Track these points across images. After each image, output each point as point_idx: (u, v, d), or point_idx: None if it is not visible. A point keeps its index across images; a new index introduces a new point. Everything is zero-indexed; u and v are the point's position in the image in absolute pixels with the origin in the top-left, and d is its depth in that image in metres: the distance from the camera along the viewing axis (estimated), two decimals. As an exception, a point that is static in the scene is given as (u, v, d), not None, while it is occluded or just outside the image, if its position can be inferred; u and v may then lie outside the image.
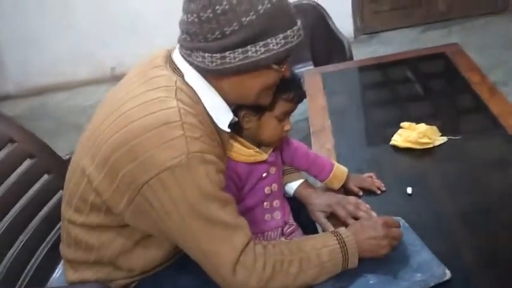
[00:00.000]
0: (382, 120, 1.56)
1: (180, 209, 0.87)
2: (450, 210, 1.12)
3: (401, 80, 1.75)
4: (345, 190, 1.22)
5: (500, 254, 0.98)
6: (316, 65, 2.46)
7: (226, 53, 0.88)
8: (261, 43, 0.88)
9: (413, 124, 1.36)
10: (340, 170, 1.22)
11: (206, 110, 0.95)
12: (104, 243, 1.00)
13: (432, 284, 0.92)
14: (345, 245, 0.95)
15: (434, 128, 1.35)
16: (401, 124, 1.38)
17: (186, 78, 0.95)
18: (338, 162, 1.32)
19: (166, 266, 1.05)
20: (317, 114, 1.59)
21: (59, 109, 3.63)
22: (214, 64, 0.90)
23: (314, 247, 0.95)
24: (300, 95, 1.09)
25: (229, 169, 1.05)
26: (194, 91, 0.94)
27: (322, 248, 0.94)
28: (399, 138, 1.35)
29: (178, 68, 0.96)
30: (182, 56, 0.95)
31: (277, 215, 1.17)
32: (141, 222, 0.94)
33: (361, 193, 1.19)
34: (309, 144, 1.48)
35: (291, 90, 1.06)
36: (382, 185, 1.20)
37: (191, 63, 0.94)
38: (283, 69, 0.94)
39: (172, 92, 0.91)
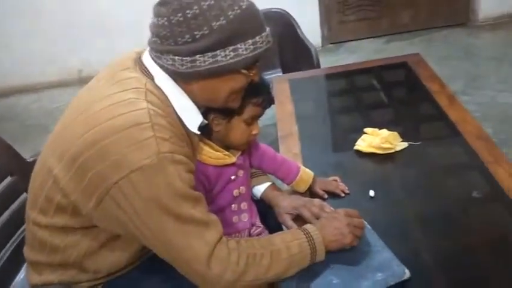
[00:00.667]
0: (346, 126, 1.61)
1: (151, 208, 0.88)
2: (410, 212, 1.17)
3: (365, 88, 1.81)
4: (311, 193, 1.25)
5: (457, 255, 1.03)
6: (284, 71, 2.51)
7: (197, 57, 0.89)
8: (231, 48, 0.90)
9: (376, 130, 1.41)
10: (307, 174, 1.25)
11: (176, 112, 0.96)
12: (69, 245, 0.99)
13: (392, 283, 0.95)
14: (312, 238, 0.99)
15: (396, 133, 1.40)
16: (365, 130, 1.43)
17: (156, 80, 0.96)
18: (304, 166, 1.36)
19: (133, 268, 1.05)
20: (285, 120, 1.63)
21: (25, 111, 3.55)
22: (184, 67, 0.91)
23: (284, 241, 0.99)
24: (268, 100, 1.12)
25: (199, 171, 1.07)
26: (164, 93, 0.95)
27: (292, 241, 0.98)
28: (363, 144, 1.39)
29: (148, 70, 0.97)
30: (152, 58, 0.96)
31: (245, 217, 1.19)
32: (110, 222, 0.94)
33: (326, 196, 1.23)
34: (277, 149, 1.51)
35: (260, 95, 1.08)
36: (346, 188, 1.24)
37: (161, 66, 0.95)
38: (251, 74, 0.96)
39: (142, 94, 0.92)
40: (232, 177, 1.15)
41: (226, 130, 1.09)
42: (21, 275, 1.22)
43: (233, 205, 1.17)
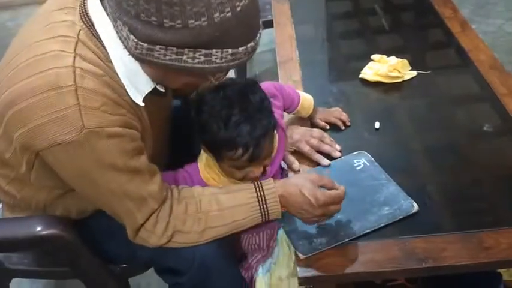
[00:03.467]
0: (351, 52, 1.50)
1: (80, 180, 0.81)
2: (417, 145, 1.11)
3: (373, 11, 1.67)
4: (311, 124, 1.17)
5: (465, 189, 0.98)
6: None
7: (156, 47, 0.70)
8: (203, 51, 0.71)
9: (384, 57, 1.31)
10: (307, 100, 1.17)
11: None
12: (26, 197, 0.93)
13: (400, 217, 0.91)
14: (265, 203, 0.89)
15: (405, 61, 1.30)
16: (372, 57, 1.33)
17: (98, 29, 0.77)
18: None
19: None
20: (284, 44, 1.51)
21: (2, 29, 3.35)
22: (138, 51, 0.72)
23: (228, 204, 0.89)
24: (255, 154, 0.89)
25: (192, 180, 0.98)
26: (103, 46, 0.78)
27: (237, 207, 0.89)
28: (369, 72, 1.30)
29: (87, 13, 0.78)
30: (104, 6, 0.77)
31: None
32: (51, 182, 0.87)
33: (327, 127, 1.15)
34: (274, 76, 1.42)
35: (237, 146, 0.87)
36: (348, 119, 1.16)
37: (112, 19, 0.75)
38: (214, 79, 0.79)
39: (71, 45, 0.76)
40: None
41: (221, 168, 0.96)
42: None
43: None
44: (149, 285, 1.48)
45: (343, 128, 1.15)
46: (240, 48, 0.73)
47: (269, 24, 1.70)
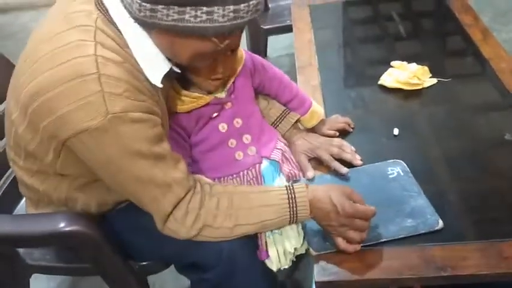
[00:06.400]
0: (370, 58, 1.50)
1: (108, 167, 0.81)
2: (436, 153, 1.10)
3: (391, 17, 1.67)
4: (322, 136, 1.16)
5: (484, 198, 0.98)
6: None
7: (159, 7, 0.72)
8: (204, 9, 0.72)
9: (405, 63, 1.31)
10: (318, 108, 1.17)
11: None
12: (48, 189, 0.94)
13: (422, 232, 0.90)
14: (296, 207, 0.89)
15: (426, 68, 1.30)
16: (392, 63, 1.33)
17: (112, 14, 0.79)
18: (323, 100, 1.28)
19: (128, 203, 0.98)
20: (303, 49, 1.52)
21: (24, 30, 3.41)
22: (142, 14, 0.75)
23: (259, 204, 0.89)
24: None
25: (175, 123, 0.98)
26: (120, 32, 0.80)
27: (267, 207, 0.89)
28: (388, 78, 1.30)
29: (102, 1, 0.81)
30: None
31: (251, 150, 1.05)
32: (76, 171, 0.89)
33: (337, 134, 1.15)
34: (291, 80, 1.42)
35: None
36: (350, 121, 1.17)
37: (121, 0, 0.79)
38: (222, 45, 0.79)
39: (91, 34, 0.77)
40: (214, 115, 1.02)
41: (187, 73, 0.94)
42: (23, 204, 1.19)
43: (231, 140, 1.04)
44: (164, 283, 1.50)
45: (352, 130, 1.16)
46: (242, 5, 0.73)
47: (288, 29, 1.71)
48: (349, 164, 1.06)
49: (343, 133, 1.16)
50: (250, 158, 1.05)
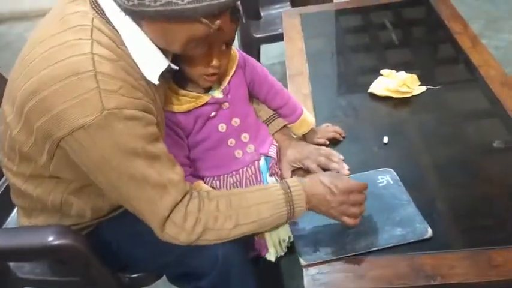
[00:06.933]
0: (361, 66, 1.51)
1: (102, 166, 0.80)
2: (426, 161, 1.10)
3: (382, 26, 1.68)
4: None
5: (474, 205, 0.98)
6: (293, 5, 2.35)
7: None
8: None
9: (394, 72, 1.32)
10: (309, 116, 1.18)
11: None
12: (41, 194, 0.93)
13: (411, 240, 0.90)
14: (292, 202, 0.89)
15: (415, 76, 1.31)
16: (382, 71, 1.34)
17: (108, 14, 0.81)
18: (314, 108, 1.28)
19: (124, 211, 0.98)
20: (294, 58, 1.52)
21: (18, 40, 3.41)
22: (130, 3, 0.76)
23: (256, 201, 0.89)
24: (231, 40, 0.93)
25: (168, 121, 0.98)
26: (116, 30, 0.81)
27: (264, 204, 0.89)
28: (378, 86, 1.30)
29: (97, 1, 0.82)
30: None
31: (250, 148, 1.09)
32: (69, 174, 0.88)
33: (327, 142, 1.15)
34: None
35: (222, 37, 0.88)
36: (342, 130, 1.17)
37: None
38: (214, 26, 0.79)
39: (87, 33, 0.78)
40: (212, 114, 1.03)
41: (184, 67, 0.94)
42: (14, 215, 1.19)
43: (230, 140, 1.07)
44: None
45: (342, 139, 1.16)
46: None
47: (280, 37, 1.71)
48: (338, 173, 1.06)
49: (333, 141, 1.16)
50: (249, 155, 1.09)
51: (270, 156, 1.11)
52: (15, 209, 1.10)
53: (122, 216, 0.98)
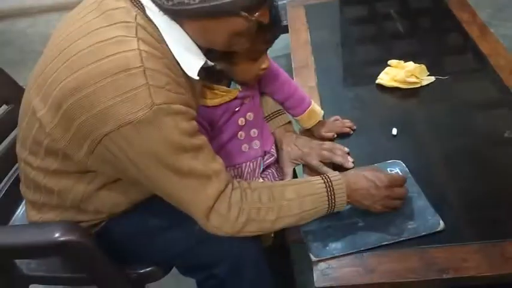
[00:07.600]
0: (367, 57, 1.49)
1: (148, 161, 0.80)
2: (435, 152, 1.09)
3: (389, 16, 1.65)
4: (318, 138, 1.15)
5: (484, 197, 0.96)
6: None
7: None
8: None
9: (402, 62, 1.30)
10: (317, 108, 1.16)
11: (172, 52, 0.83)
12: (64, 189, 0.92)
13: (423, 233, 0.88)
14: (333, 195, 0.89)
15: (423, 66, 1.28)
16: (389, 62, 1.31)
17: (148, 12, 0.81)
18: (321, 100, 1.26)
19: (136, 206, 0.98)
20: (300, 50, 1.50)
21: (21, 36, 3.41)
22: (170, 3, 0.77)
23: (298, 194, 0.89)
24: (275, 34, 0.97)
25: (200, 116, 0.96)
26: (157, 29, 0.81)
27: (306, 197, 0.89)
28: (385, 77, 1.28)
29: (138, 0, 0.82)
30: None
31: (256, 144, 1.10)
32: (106, 168, 0.87)
33: (335, 136, 1.14)
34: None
35: (264, 31, 0.89)
36: (352, 124, 1.15)
37: None
38: (254, 18, 0.80)
39: (132, 30, 0.78)
40: (237, 109, 1.05)
41: (229, 66, 0.97)
42: (21, 209, 1.18)
43: (240, 133, 1.07)
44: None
45: (352, 132, 1.14)
46: None
47: (284, 29, 1.69)
48: (342, 168, 1.04)
49: (341, 134, 1.14)
50: (254, 151, 1.10)
51: (273, 155, 1.12)
52: (22, 204, 1.10)
53: (129, 215, 0.98)
